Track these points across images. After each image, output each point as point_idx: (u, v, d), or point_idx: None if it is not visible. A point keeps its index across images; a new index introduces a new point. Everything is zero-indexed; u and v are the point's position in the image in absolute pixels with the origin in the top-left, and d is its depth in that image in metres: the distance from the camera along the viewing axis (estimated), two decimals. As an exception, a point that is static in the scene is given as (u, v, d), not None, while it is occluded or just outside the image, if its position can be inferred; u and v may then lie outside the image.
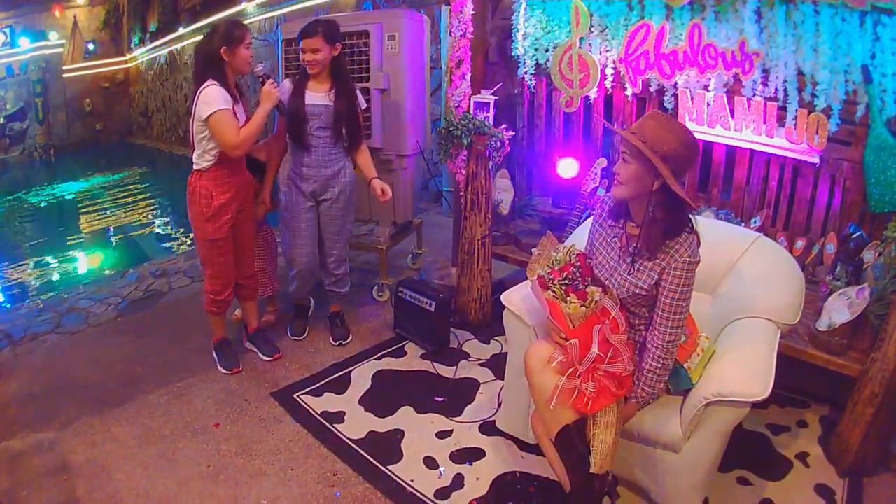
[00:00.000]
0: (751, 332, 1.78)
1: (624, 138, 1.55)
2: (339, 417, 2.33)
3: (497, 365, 2.63)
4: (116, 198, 8.73)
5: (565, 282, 1.66)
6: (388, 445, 2.17)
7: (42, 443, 2.21)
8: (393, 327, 3.00)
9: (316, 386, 2.55)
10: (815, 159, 2.33)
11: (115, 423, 2.31)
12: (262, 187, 2.70)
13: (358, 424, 2.29)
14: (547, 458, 1.77)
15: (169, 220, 7.18)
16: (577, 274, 1.68)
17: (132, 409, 2.41)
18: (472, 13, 2.84)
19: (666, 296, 1.59)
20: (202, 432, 2.26)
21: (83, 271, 5.41)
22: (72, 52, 13.27)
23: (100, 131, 13.82)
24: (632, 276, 1.64)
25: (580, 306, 1.60)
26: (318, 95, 2.53)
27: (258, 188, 2.68)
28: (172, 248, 5.82)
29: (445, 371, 2.65)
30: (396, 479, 2.00)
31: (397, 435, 2.23)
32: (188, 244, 5.60)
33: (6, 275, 5.20)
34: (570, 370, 1.59)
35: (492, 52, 3.21)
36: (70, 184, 9.95)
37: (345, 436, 2.22)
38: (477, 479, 2.00)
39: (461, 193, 3.02)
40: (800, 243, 2.44)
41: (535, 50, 3.02)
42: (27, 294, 4.57)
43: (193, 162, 2.38)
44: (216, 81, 2.26)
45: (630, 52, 2.66)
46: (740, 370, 1.62)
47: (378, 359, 2.76)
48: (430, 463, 2.08)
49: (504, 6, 3.17)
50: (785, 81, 2.33)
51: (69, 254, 5.91)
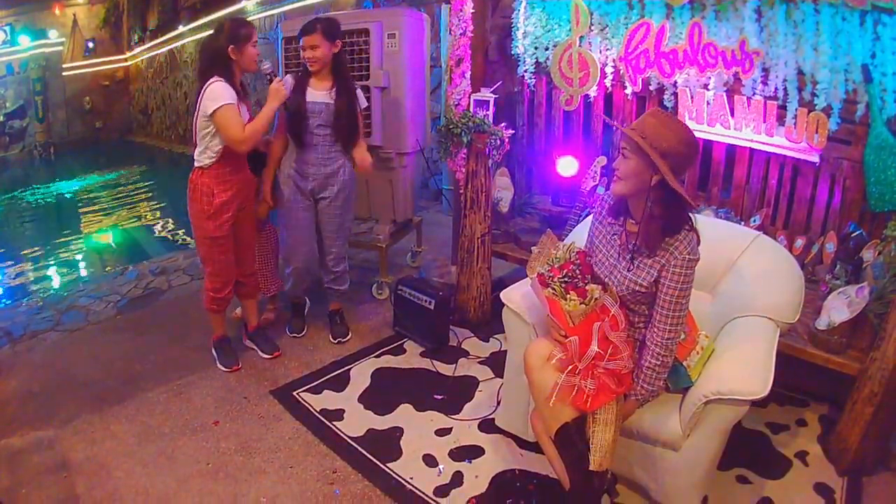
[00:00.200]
0: (750, 331, 1.78)
1: (624, 134, 1.55)
2: (338, 415, 2.33)
3: (496, 363, 2.63)
4: (116, 196, 8.73)
5: (565, 279, 1.66)
6: (388, 443, 2.17)
7: (42, 440, 2.21)
8: (392, 325, 3.00)
9: (315, 384, 2.55)
10: (815, 158, 2.33)
11: (115, 421, 2.31)
12: (262, 184, 2.70)
13: (357, 422, 2.29)
14: (546, 455, 1.77)
15: (169, 218, 7.17)
16: (577, 271, 1.68)
17: (132, 406, 2.41)
18: (472, 11, 2.84)
19: (665, 293, 1.59)
20: (201, 430, 2.26)
21: (82, 269, 5.41)
22: (72, 50, 13.28)
23: (99, 129, 13.83)
24: (631, 273, 1.64)
25: (580, 304, 1.60)
26: (319, 93, 2.53)
27: (259, 186, 2.68)
28: (172, 246, 5.82)
29: (445, 369, 2.65)
30: (396, 476, 2.01)
31: (396, 433, 2.23)
32: (188, 242, 5.60)
33: (6, 272, 5.20)
34: (570, 367, 1.59)
35: (492, 51, 3.20)
36: (70, 182, 9.95)
37: (344, 433, 2.22)
38: (476, 476, 2.00)
39: (461, 191, 3.02)
40: (799, 242, 2.44)
41: (535, 48, 3.01)
42: (27, 292, 4.56)
43: (195, 159, 2.37)
44: (222, 78, 2.25)
45: (630, 50, 2.66)
46: (740, 368, 1.62)
47: (377, 356, 2.76)
48: (430, 461, 2.08)
49: (504, 4, 3.16)
50: (785, 80, 2.33)
51: (68, 251, 5.91)
